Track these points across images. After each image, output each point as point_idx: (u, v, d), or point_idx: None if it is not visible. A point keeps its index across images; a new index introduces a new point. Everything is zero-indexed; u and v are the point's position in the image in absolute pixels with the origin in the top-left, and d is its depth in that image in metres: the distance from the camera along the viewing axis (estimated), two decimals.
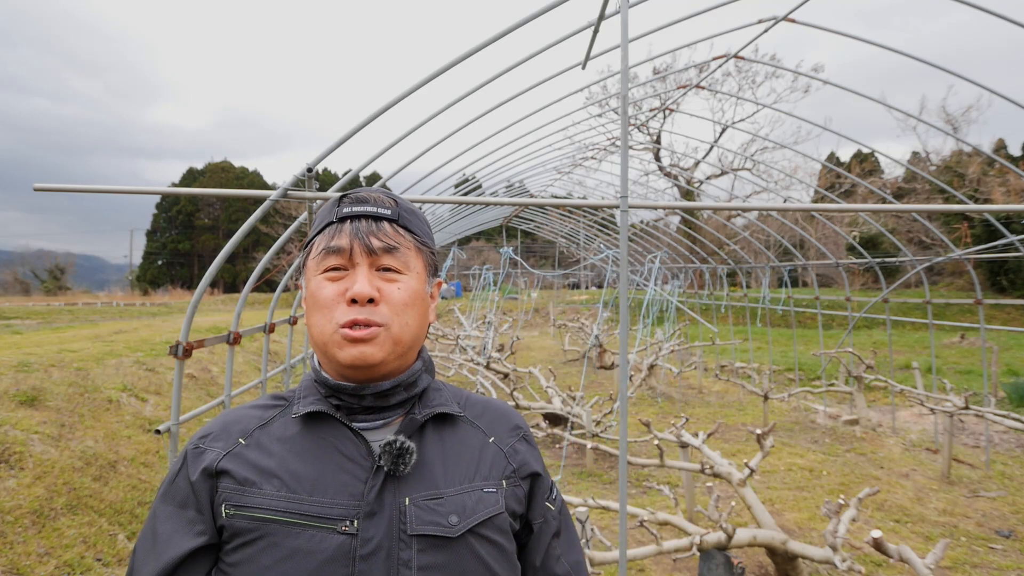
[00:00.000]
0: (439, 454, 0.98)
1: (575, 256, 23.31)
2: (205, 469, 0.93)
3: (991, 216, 7.04)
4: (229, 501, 0.91)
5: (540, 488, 1.06)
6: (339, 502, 0.90)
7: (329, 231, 0.98)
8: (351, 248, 0.95)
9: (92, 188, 2.67)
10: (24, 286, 48.53)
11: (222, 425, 0.99)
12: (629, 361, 12.02)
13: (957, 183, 20.86)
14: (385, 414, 0.98)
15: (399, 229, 0.98)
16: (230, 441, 0.96)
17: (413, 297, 0.97)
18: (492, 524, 0.95)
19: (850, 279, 15.02)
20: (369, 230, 0.96)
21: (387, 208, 0.99)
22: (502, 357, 9.62)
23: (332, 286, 0.95)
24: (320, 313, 0.95)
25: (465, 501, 0.94)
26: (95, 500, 4.52)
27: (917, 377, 8.46)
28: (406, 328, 0.96)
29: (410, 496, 0.92)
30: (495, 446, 1.04)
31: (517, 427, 1.09)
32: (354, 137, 2.95)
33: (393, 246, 0.96)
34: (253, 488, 0.91)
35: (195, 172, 56.94)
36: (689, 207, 5.23)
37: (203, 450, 0.96)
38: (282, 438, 0.96)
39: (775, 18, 4.42)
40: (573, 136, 8.57)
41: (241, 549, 0.89)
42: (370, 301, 0.93)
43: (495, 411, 1.10)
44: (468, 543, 0.92)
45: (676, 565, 4.32)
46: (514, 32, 2.88)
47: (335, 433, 0.95)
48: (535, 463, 1.06)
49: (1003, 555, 4.62)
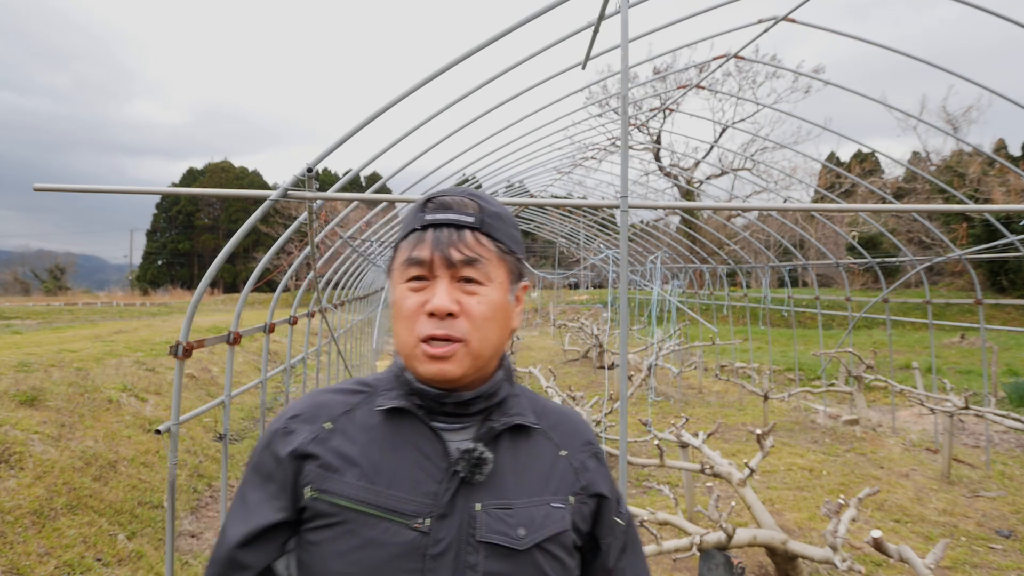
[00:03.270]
0: (511, 464, 0.99)
1: (575, 256, 23.31)
2: (293, 451, 0.96)
3: (991, 216, 7.03)
4: (314, 484, 0.93)
5: (607, 507, 1.06)
6: (414, 499, 0.92)
7: (412, 239, 0.97)
8: (432, 260, 0.94)
9: (92, 188, 2.67)
10: (24, 286, 48.56)
11: (311, 408, 1.01)
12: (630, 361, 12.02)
13: (957, 183, 20.85)
14: (464, 419, 0.99)
15: (481, 238, 0.97)
16: (316, 425, 0.98)
17: (494, 310, 0.96)
18: (558, 540, 0.96)
19: (850, 279, 15.00)
20: (450, 241, 0.94)
21: (470, 215, 0.97)
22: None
23: (414, 297, 0.95)
24: (402, 323, 0.96)
25: (534, 515, 0.95)
26: (95, 500, 4.52)
27: (917, 377, 8.46)
28: (486, 342, 0.96)
29: (481, 503, 0.94)
30: (566, 460, 1.04)
31: (589, 442, 1.09)
32: (354, 137, 2.95)
33: (473, 258, 0.95)
34: (336, 474, 0.93)
35: (195, 172, 56.93)
36: (689, 207, 5.23)
37: (291, 431, 0.98)
38: (365, 427, 0.98)
39: (775, 18, 4.42)
40: (573, 136, 8.58)
41: (321, 530, 0.92)
42: (449, 315, 0.93)
43: (569, 423, 1.10)
44: (533, 557, 0.93)
45: (676, 565, 4.32)
46: (514, 32, 2.88)
47: (415, 430, 0.97)
48: (603, 482, 1.06)
49: (1003, 555, 4.62)
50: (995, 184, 20.13)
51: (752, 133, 22.76)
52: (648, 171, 21.37)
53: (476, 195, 1.00)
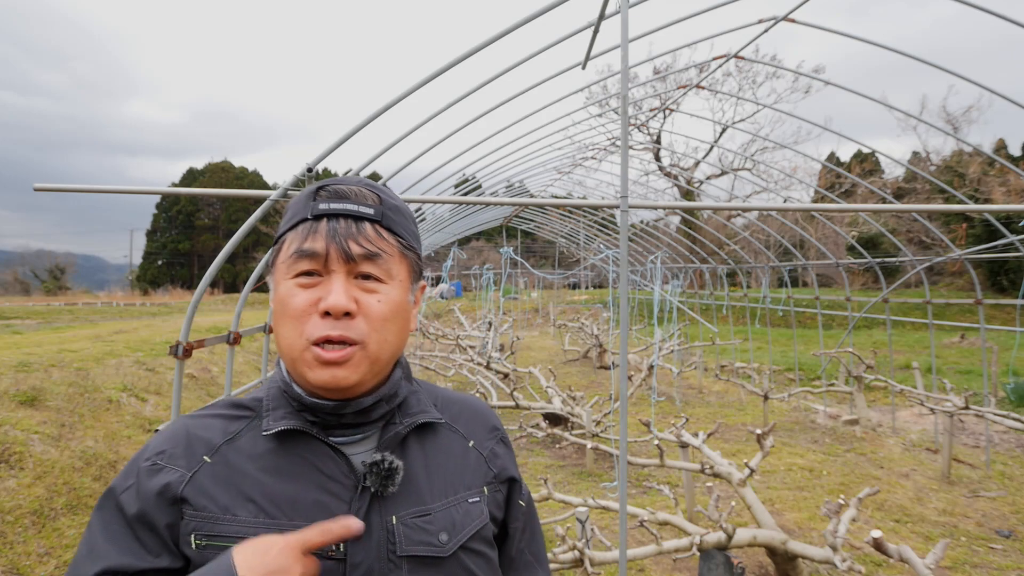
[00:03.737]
0: (423, 466, 0.93)
1: (575, 256, 23.31)
2: (166, 490, 0.82)
3: (991, 216, 7.03)
4: (200, 531, 0.81)
5: (515, 491, 1.04)
6: None
7: (303, 229, 0.87)
8: (327, 253, 0.84)
9: (92, 188, 2.67)
10: (24, 286, 48.58)
11: (183, 438, 0.87)
12: (630, 361, 12.03)
13: (957, 183, 20.86)
14: (364, 428, 0.91)
15: (382, 232, 0.88)
16: (193, 459, 0.85)
17: (394, 310, 0.88)
18: (479, 536, 0.93)
19: (850, 279, 15.01)
20: (348, 233, 0.85)
21: (370, 206, 0.88)
22: (502, 357, 9.63)
23: (304, 294, 0.85)
24: (290, 324, 0.85)
25: (453, 516, 0.91)
26: (95, 500, 4.51)
27: (917, 377, 8.46)
28: (384, 345, 0.87)
29: (397, 514, 0.87)
30: (475, 451, 1.01)
31: (494, 428, 1.06)
32: (354, 137, 2.95)
33: (375, 252, 0.86)
34: (227, 515, 0.82)
35: (195, 172, 56.96)
36: (689, 207, 5.23)
37: (161, 467, 0.84)
38: (252, 455, 0.86)
39: (775, 18, 4.43)
40: (573, 136, 8.58)
41: None
42: (346, 315, 0.84)
43: (472, 411, 1.05)
44: (459, 559, 0.89)
45: (676, 565, 4.32)
46: (514, 32, 2.88)
47: (312, 450, 0.87)
48: (512, 467, 1.04)
49: (1003, 555, 4.62)
50: (995, 184, 20.14)
51: (752, 133, 22.77)
52: (648, 171, 21.39)
53: (374, 186, 0.92)
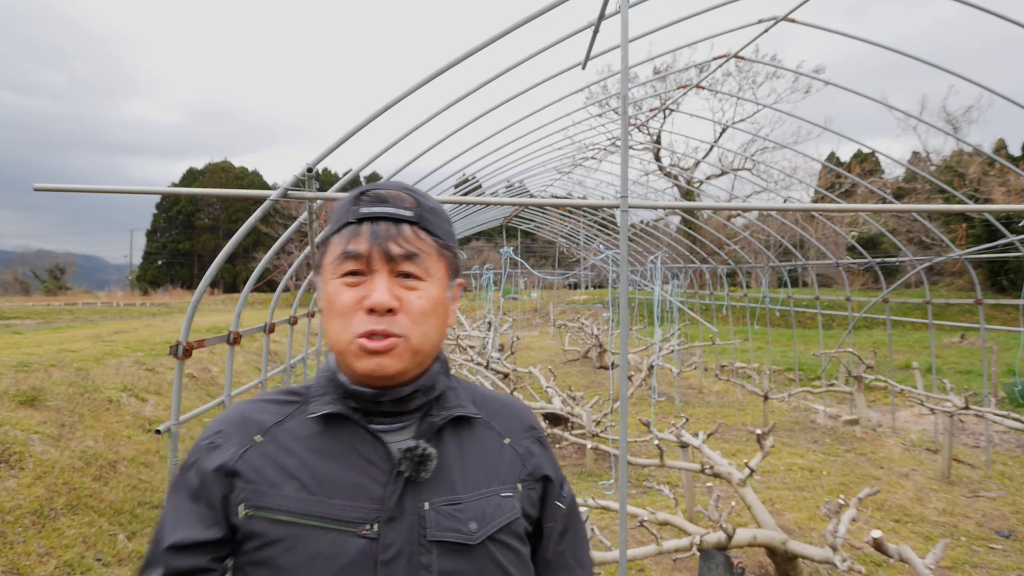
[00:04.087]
0: (457, 458, 0.97)
1: (575, 256, 23.31)
2: (221, 467, 0.91)
3: (991, 216, 7.03)
4: (248, 502, 0.89)
5: (551, 491, 1.06)
6: (359, 505, 0.89)
7: (347, 232, 0.93)
8: (369, 254, 0.91)
9: (93, 188, 2.68)
10: (24, 286, 48.59)
11: (237, 420, 0.96)
12: (631, 361, 12.03)
13: (957, 183, 20.86)
14: (403, 417, 0.97)
15: (420, 232, 0.94)
16: (246, 437, 0.94)
17: (433, 305, 0.94)
18: (509, 530, 0.96)
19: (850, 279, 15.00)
20: (388, 234, 0.91)
21: (408, 208, 0.94)
22: (502, 357, 9.63)
23: (350, 292, 0.92)
24: (337, 320, 0.92)
25: (484, 507, 0.95)
26: (95, 500, 4.52)
27: (917, 377, 8.46)
28: (425, 338, 0.94)
29: (429, 501, 0.92)
30: (511, 448, 1.03)
31: (531, 427, 1.09)
32: (354, 137, 2.95)
33: (414, 252, 0.92)
34: (272, 489, 0.89)
35: (195, 172, 56.95)
36: (689, 207, 5.24)
37: (217, 445, 0.93)
38: (299, 436, 0.94)
39: (775, 18, 4.43)
40: (573, 136, 8.58)
41: (260, 551, 0.87)
42: (389, 311, 0.90)
43: (510, 410, 1.09)
44: (487, 549, 0.92)
45: (676, 565, 4.32)
46: (514, 32, 2.88)
47: (353, 435, 0.94)
48: (548, 466, 1.06)
49: (1003, 555, 4.62)
50: (995, 184, 20.14)
51: (752, 133, 22.79)
52: (648, 171, 21.39)
53: (412, 189, 0.98)
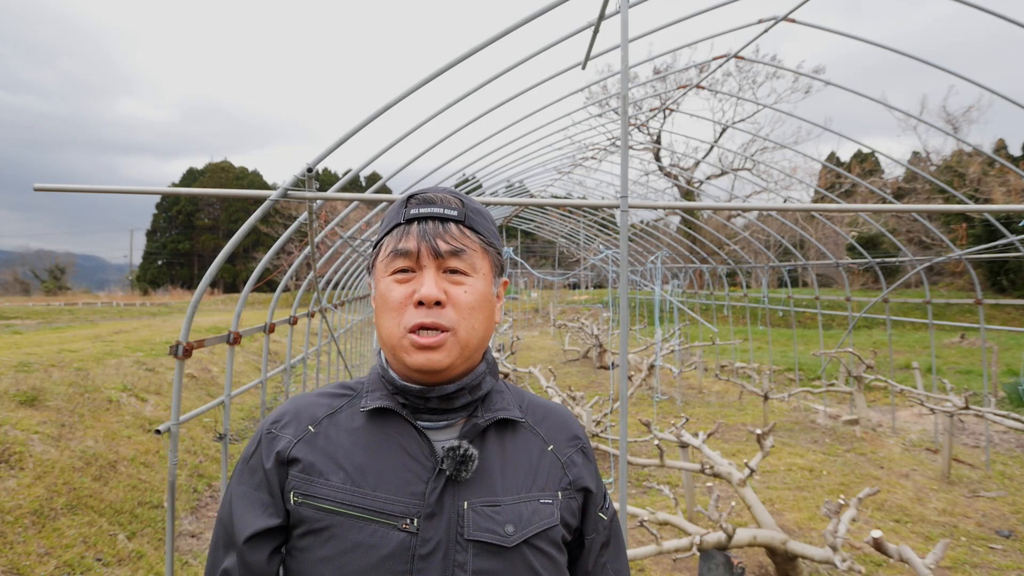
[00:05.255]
0: (499, 460, 0.99)
1: (575, 256, 23.31)
2: (278, 455, 0.96)
3: (991, 216, 7.03)
4: (298, 489, 0.94)
5: (593, 502, 1.07)
6: (401, 499, 0.92)
7: (397, 233, 0.98)
8: (418, 250, 0.95)
9: (93, 188, 2.67)
10: (24, 286, 48.57)
11: (293, 411, 1.01)
12: (631, 361, 12.03)
13: (957, 183, 20.86)
14: (449, 416, 0.99)
15: (465, 230, 0.98)
16: (300, 428, 0.99)
17: (480, 299, 0.97)
18: (546, 536, 0.97)
19: (850, 279, 15.03)
20: (436, 232, 0.96)
21: (454, 209, 0.99)
22: (502, 357, 9.62)
23: (400, 288, 0.96)
24: (389, 315, 0.96)
25: (522, 511, 0.96)
26: (95, 500, 4.52)
27: (917, 377, 8.46)
28: (473, 332, 0.96)
29: (469, 500, 0.94)
30: (553, 455, 1.04)
31: (576, 437, 1.09)
32: (354, 137, 2.95)
33: (460, 248, 0.96)
34: (320, 479, 0.94)
35: (195, 172, 56.94)
36: (689, 207, 5.23)
37: (275, 436, 0.98)
38: (349, 429, 0.98)
39: (775, 18, 4.43)
40: (573, 136, 8.58)
41: (307, 536, 0.93)
42: (437, 304, 0.94)
43: (556, 417, 1.10)
44: (522, 553, 0.93)
45: (676, 565, 4.32)
46: (514, 32, 2.88)
47: (400, 430, 0.97)
48: (589, 478, 1.06)
49: (1003, 555, 4.62)
50: (995, 184, 20.13)
51: (752, 133, 22.76)
52: (648, 171, 21.37)
53: (457, 193, 1.02)
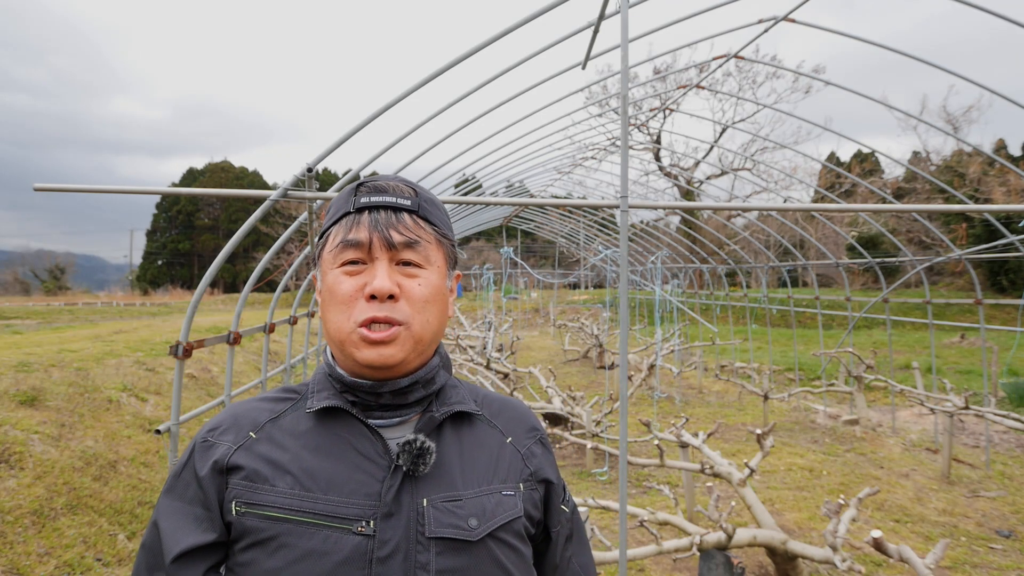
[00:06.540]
0: (457, 454, 0.96)
1: (575, 256, 23.31)
2: (215, 464, 0.90)
3: (991, 216, 7.03)
4: (240, 498, 0.87)
5: (555, 493, 1.05)
6: (355, 501, 0.87)
7: (346, 222, 0.93)
8: (370, 241, 0.91)
9: (93, 188, 2.67)
10: (24, 286, 48.55)
11: (231, 417, 0.96)
12: (630, 361, 12.04)
13: (957, 183, 20.85)
14: (402, 412, 0.95)
15: (420, 221, 0.94)
16: (240, 434, 0.93)
17: (434, 293, 0.94)
18: (511, 528, 0.94)
19: (850, 279, 15.03)
20: (389, 222, 0.91)
21: (407, 198, 0.94)
22: (502, 357, 9.62)
23: (350, 281, 0.91)
24: (337, 309, 0.91)
25: (485, 504, 0.93)
26: (95, 500, 4.52)
27: (917, 377, 8.46)
28: (427, 326, 0.93)
29: (428, 497, 0.90)
30: (512, 447, 1.02)
31: (534, 428, 1.08)
32: (354, 136, 2.95)
33: (414, 240, 0.92)
34: (265, 485, 0.88)
35: (195, 172, 56.95)
36: (689, 207, 5.23)
37: (212, 443, 0.92)
38: (295, 433, 0.93)
39: (775, 18, 4.43)
40: (573, 136, 8.58)
41: (251, 549, 0.86)
42: (390, 297, 0.89)
43: (512, 410, 1.08)
44: (487, 547, 0.90)
45: (676, 565, 4.32)
46: (514, 32, 2.88)
47: (351, 430, 0.93)
48: (549, 468, 1.05)
49: (1003, 555, 4.62)
50: (995, 184, 20.14)
51: (752, 133, 22.78)
52: (648, 171, 21.37)
53: (409, 181, 0.98)
